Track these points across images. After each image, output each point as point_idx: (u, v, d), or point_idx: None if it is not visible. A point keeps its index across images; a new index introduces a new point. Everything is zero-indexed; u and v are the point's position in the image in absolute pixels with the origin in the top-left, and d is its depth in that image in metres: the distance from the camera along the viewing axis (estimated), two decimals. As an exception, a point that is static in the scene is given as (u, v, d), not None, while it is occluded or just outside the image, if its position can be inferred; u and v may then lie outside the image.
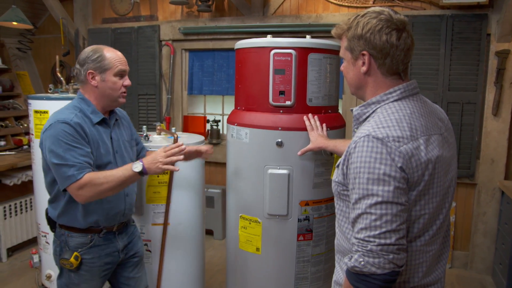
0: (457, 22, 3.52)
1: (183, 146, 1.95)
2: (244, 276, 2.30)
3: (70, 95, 2.90)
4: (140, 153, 2.27)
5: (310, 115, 2.10)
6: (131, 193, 2.09)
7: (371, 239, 1.13)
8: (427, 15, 3.60)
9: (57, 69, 3.10)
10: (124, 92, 1.99)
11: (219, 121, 4.66)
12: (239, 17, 4.23)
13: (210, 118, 4.70)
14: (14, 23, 3.81)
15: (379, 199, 1.13)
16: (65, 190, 1.82)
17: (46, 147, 1.81)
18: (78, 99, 1.96)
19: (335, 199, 1.40)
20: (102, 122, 1.96)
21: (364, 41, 1.26)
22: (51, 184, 1.92)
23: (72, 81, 4.28)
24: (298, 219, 2.15)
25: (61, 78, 3.06)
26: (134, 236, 2.17)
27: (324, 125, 2.11)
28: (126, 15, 4.68)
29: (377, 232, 1.12)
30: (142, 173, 1.83)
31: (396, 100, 1.28)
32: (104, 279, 2.06)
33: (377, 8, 1.28)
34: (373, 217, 1.13)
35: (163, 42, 4.56)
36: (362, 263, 1.13)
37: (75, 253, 1.90)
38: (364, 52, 1.28)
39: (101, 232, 1.97)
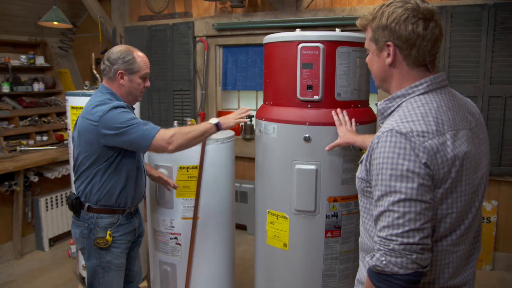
0: (500, 12, 3.35)
1: (247, 108, 2.32)
2: (271, 272, 2.29)
3: (105, 91, 2.98)
4: None
5: (338, 109, 2.06)
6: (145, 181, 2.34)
7: (394, 238, 1.08)
8: (468, 5, 3.45)
9: (93, 67, 3.19)
10: (142, 92, 2.21)
11: (253, 116, 4.66)
12: (272, 12, 4.21)
13: (244, 113, 4.71)
14: (55, 23, 3.96)
15: (402, 196, 1.09)
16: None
17: (108, 127, 1.97)
18: (108, 93, 2.11)
19: (359, 196, 1.36)
20: None
21: (389, 32, 1.21)
22: (93, 164, 2.06)
23: (110, 78, 4.42)
24: (326, 215, 2.12)
25: (97, 75, 3.15)
26: (141, 218, 2.41)
27: (353, 120, 2.06)
28: (161, 13, 4.76)
29: (400, 230, 1.08)
30: (218, 126, 2.17)
31: (422, 94, 1.22)
32: (126, 256, 2.26)
33: None
34: (396, 215, 1.09)
35: (197, 38, 4.60)
36: (384, 262, 1.09)
37: (108, 231, 2.11)
38: (389, 43, 1.23)
39: (124, 212, 2.19)
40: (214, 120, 2.18)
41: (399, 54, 1.24)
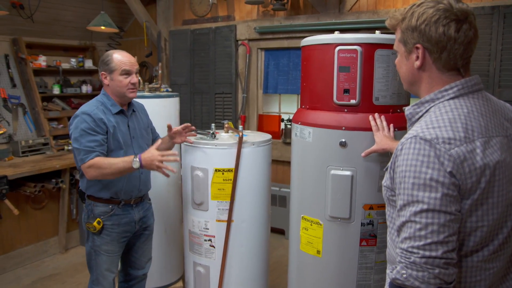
0: (558, 12, 3.14)
1: (177, 157, 2.24)
2: (304, 278, 2.25)
3: (146, 93, 3.04)
4: (154, 140, 2.62)
5: (376, 114, 2.00)
6: (145, 171, 2.44)
7: (415, 250, 1.02)
8: (522, 5, 3.26)
9: (136, 69, 3.26)
10: (132, 89, 2.32)
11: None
12: (314, 14, 4.17)
13: (285, 117, 4.69)
14: (102, 27, 4.10)
15: (425, 206, 1.03)
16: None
17: (71, 132, 2.23)
18: (102, 94, 2.35)
19: (386, 205, 1.30)
20: (120, 113, 2.34)
21: (419, 33, 1.15)
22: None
23: (154, 80, 4.52)
24: (362, 223, 2.05)
25: (139, 78, 3.21)
26: (148, 212, 2.55)
27: (391, 125, 1.99)
28: (204, 16, 4.83)
29: (422, 243, 1.02)
30: (140, 166, 2.17)
31: (452, 98, 1.15)
32: (122, 245, 2.42)
33: None
34: (418, 226, 1.03)
35: (239, 42, 4.63)
36: (405, 275, 1.03)
37: (98, 219, 2.29)
38: (418, 45, 1.17)
39: (120, 203, 2.35)
40: (136, 164, 2.14)
41: (428, 57, 1.18)
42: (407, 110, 1.25)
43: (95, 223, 2.27)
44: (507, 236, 1.15)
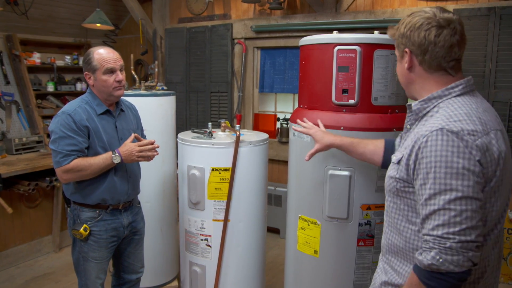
0: (554, 14, 3.16)
1: (155, 144, 2.24)
2: (301, 278, 2.24)
3: (142, 91, 3.02)
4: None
5: (298, 120, 2.07)
6: (134, 175, 2.34)
7: (451, 236, 1.10)
8: (518, 7, 3.27)
9: (131, 67, 3.25)
10: (117, 87, 2.19)
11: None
12: (311, 14, 4.16)
13: (281, 116, 4.68)
14: (98, 24, 4.06)
15: (459, 194, 1.11)
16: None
17: (51, 131, 2.12)
18: (88, 93, 2.23)
19: (389, 196, 1.37)
20: (107, 113, 2.22)
21: (406, 38, 1.30)
22: None
23: (149, 78, 4.50)
24: (359, 223, 2.05)
25: (135, 76, 3.20)
26: (138, 216, 2.44)
27: (318, 121, 2.01)
28: (201, 15, 4.80)
29: (457, 228, 1.10)
30: (121, 160, 2.15)
31: (459, 95, 1.26)
32: (110, 250, 2.32)
33: (426, 8, 1.31)
34: (453, 213, 1.11)
35: (236, 40, 4.61)
36: (441, 260, 1.10)
37: (85, 225, 2.18)
38: (406, 49, 1.31)
39: (108, 208, 2.24)
40: (117, 159, 2.13)
41: (414, 60, 1.31)
42: (415, 105, 1.34)
43: (81, 230, 2.16)
44: (502, 226, 1.26)
